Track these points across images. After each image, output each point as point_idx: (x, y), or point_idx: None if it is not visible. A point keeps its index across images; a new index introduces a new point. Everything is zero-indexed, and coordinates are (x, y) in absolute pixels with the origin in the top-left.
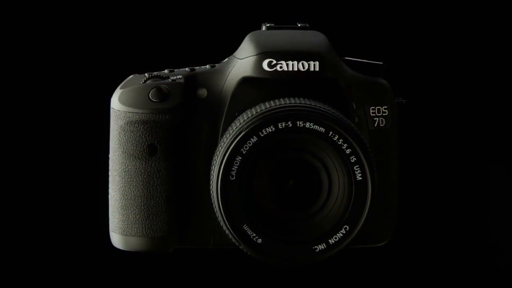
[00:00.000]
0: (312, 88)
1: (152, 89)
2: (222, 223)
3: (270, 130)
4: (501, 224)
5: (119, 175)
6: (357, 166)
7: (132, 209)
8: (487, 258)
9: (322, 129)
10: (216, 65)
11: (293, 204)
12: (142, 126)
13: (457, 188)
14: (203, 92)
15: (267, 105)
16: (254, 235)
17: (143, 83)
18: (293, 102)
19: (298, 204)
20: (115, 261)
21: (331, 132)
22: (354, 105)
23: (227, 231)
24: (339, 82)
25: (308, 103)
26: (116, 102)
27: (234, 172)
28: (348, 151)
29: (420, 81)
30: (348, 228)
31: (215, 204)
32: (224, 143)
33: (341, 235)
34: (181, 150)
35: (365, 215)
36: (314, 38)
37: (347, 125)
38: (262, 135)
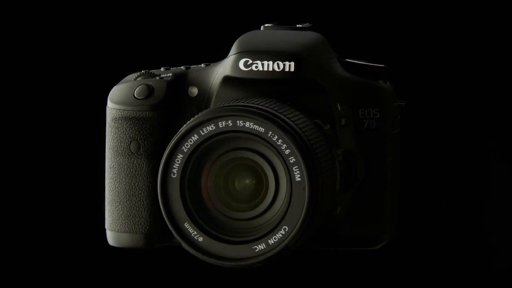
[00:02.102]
0: (288, 89)
1: (138, 86)
2: (165, 220)
3: (211, 129)
4: (501, 226)
5: (107, 171)
6: (296, 167)
7: (116, 205)
8: (487, 261)
9: (262, 129)
10: (211, 64)
11: (239, 204)
12: (126, 122)
13: (458, 190)
14: (194, 90)
15: (217, 105)
16: (195, 233)
17: (134, 80)
18: (241, 102)
19: (243, 205)
20: (103, 257)
21: (270, 132)
22: (339, 106)
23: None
24: (321, 83)
25: (257, 102)
26: (108, 99)
27: (176, 169)
28: (287, 151)
29: (423, 83)
30: (287, 229)
31: (159, 201)
32: None
33: (280, 235)
34: (166, 147)
35: (302, 217)
36: (299, 38)
37: (287, 125)
38: (203, 134)
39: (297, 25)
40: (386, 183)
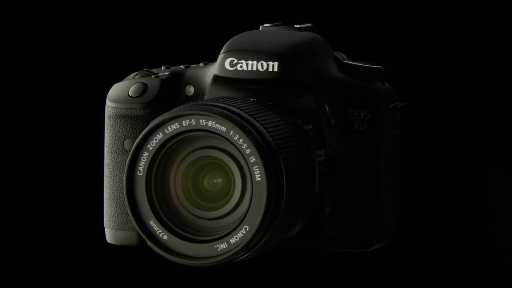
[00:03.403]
0: (273, 89)
1: (133, 84)
2: (131, 218)
3: (175, 127)
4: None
5: (104, 169)
6: (256, 166)
7: (111, 202)
8: (488, 265)
9: (224, 128)
10: (209, 63)
11: (206, 203)
12: (119, 120)
13: (459, 191)
14: (191, 89)
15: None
16: (160, 231)
17: (132, 78)
18: (210, 101)
19: (211, 204)
20: (100, 255)
21: (231, 132)
22: (327, 107)
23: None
24: (308, 83)
25: (226, 102)
26: (107, 98)
27: (141, 167)
28: (248, 151)
29: (425, 84)
30: (247, 228)
31: (125, 199)
32: None
33: (241, 235)
34: None
35: (261, 216)
36: (290, 38)
37: (249, 124)
38: (167, 132)
39: (295, 26)
40: (379, 185)
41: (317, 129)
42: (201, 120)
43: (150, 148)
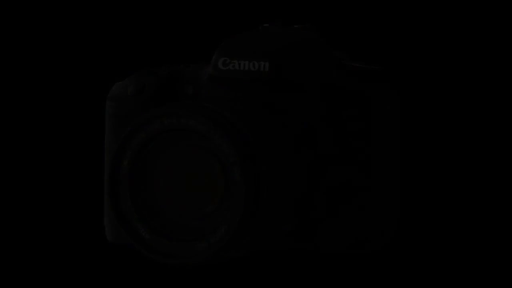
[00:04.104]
0: (264, 89)
1: (132, 84)
2: (114, 216)
3: (157, 126)
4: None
5: (104, 167)
6: (235, 166)
7: None
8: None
9: (203, 128)
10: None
11: (190, 202)
12: (118, 119)
13: (459, 191)
14: (190, 88)
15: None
16: (143, 230)
17: (132, 78)
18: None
19: (194, 203)
20: (99, 253)
21: (211, 131)
22: (320, 107)
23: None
24: (300, 83)
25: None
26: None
27: (125, 166)
28: (227, 151)
29: (425, 84)
30: (227, 228)
31: (108, 197)
32: None
33: (221, 234)
34: None
35: (240, 216)
36: (285, 38)
37: (227, 124)
38: (149, 131)
39: (294, 26)
40: (375, 186)
41: (308, 129)
42: (181, 119)
43: (133, 147)
